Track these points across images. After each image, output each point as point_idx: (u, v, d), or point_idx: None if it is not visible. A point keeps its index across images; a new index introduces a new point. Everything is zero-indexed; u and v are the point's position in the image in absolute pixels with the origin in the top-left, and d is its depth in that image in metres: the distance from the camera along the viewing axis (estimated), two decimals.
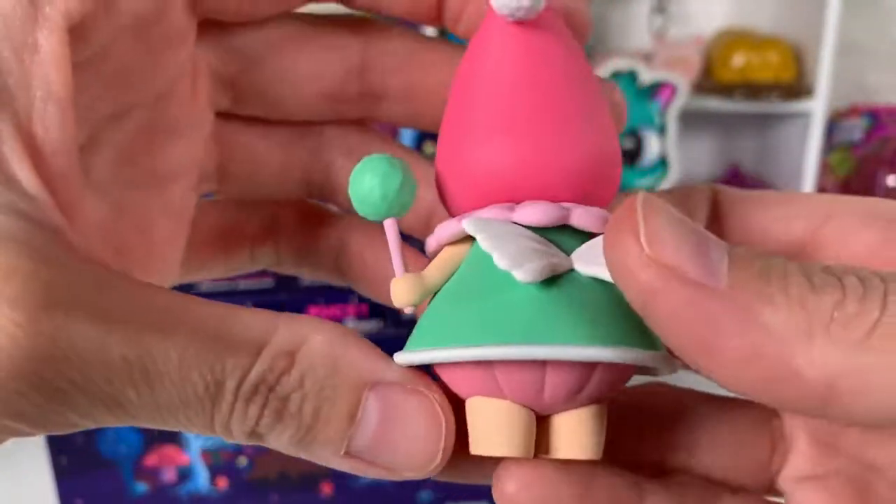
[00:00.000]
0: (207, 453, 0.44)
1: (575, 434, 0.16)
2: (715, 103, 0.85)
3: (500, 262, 0.14)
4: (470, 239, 0.16)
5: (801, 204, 0.17)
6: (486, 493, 0.17)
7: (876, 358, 0.12)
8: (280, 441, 0.14)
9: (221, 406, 0.13)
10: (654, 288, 0.12)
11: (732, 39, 0.88)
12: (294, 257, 0.22)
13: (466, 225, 0.15)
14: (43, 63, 0.14)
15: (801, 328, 0.12)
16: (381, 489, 0.46)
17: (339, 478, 0.46)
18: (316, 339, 0.14)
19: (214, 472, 0.45)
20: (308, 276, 0.23)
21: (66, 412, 0.13)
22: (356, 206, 0.15)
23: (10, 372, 0.12)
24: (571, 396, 0.15)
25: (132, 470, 0.44)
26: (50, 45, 0.14)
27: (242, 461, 0.44)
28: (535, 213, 0.15)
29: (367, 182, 0.15)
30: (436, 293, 0.16)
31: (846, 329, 0.12)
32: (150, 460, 0.44)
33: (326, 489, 0.46)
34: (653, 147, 0.85)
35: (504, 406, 0.16)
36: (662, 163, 0.86)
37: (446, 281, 0.16)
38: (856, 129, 0.91)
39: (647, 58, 0.88)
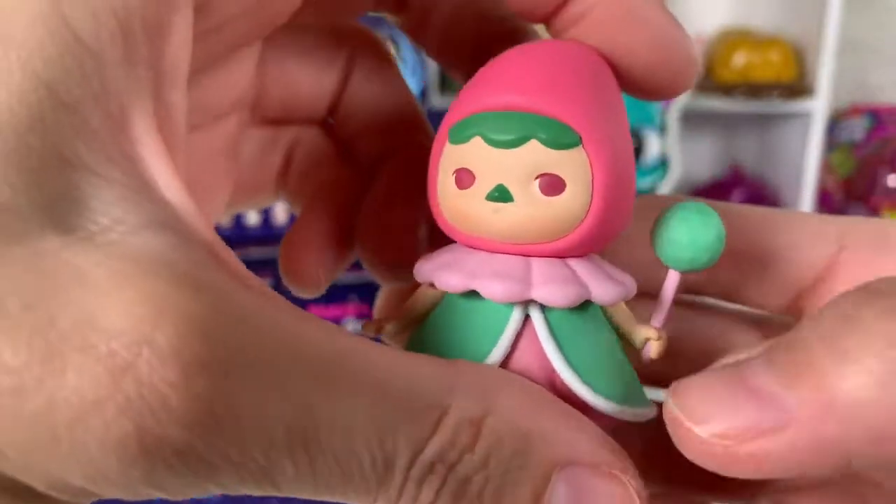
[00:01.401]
0: None
1: None
2: (716, 103, 0.85)
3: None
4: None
5: (810, 228, 0.16)
6: None
7: None
8: None
9: (389, 488, 0.11)
10: (755, 462, 0.11)
11: (733, 39, 0.88)
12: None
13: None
14: (173, 47, 0.12)
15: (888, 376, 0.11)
16: None
17: None
18: (504, 405, 0.12)
19: None
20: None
21: (209, 485, 0.11)
22: (682, 248, 0.15)
23: (158, 441, 0.10)
24: None
25: None
26: (181, 28, 0.12)
27: None
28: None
29: (715, 235, 0.14)
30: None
31: None
32: None
33: None
34: (653, 147, 0.85)
35: None
36: (663, 163, 0.86)
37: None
38: (857, 128, 0.91)
39: None
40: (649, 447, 0.18)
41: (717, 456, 0.12)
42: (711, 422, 0.12)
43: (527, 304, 0.14)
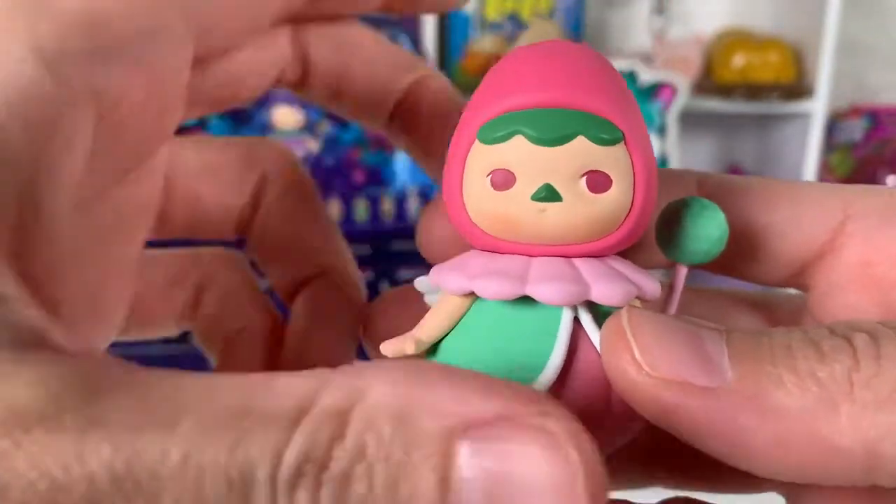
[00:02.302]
0: None
1: None
2: (715, 104, 0.85)
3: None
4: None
5: (813, 200, 0.16)
6: None
7: None
8: None
9: None
10: (665, 405, 0.12)
11: (732, 40, 0.88)
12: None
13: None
14: (59, 147, 0.12)
15: (821, 401, 0.11)
16: None
17: None
18: (376, 390, 0.10)
19: None
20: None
21: None
22: (702, 242, 0.15)
23: None
24: None
25: None
26: (72, 126, 0.12)
27: None
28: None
29: (719, 230, 0.15)
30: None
31: (870, 390, 0.11)
32: None
33: None
34: (653, 147, 0.85)
35: None
36: (662, 163, 0.86)
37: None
38: (856, 129, 0.91)
39: (647, 58, 0.88)
40: (653, 440, 0.18)
41: (639, 389, 0.12)
42: (654, 357, 0.12)
43: (575, 305, 0.14)
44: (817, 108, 0.82)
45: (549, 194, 0.14)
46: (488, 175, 0.14)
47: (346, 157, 0.61)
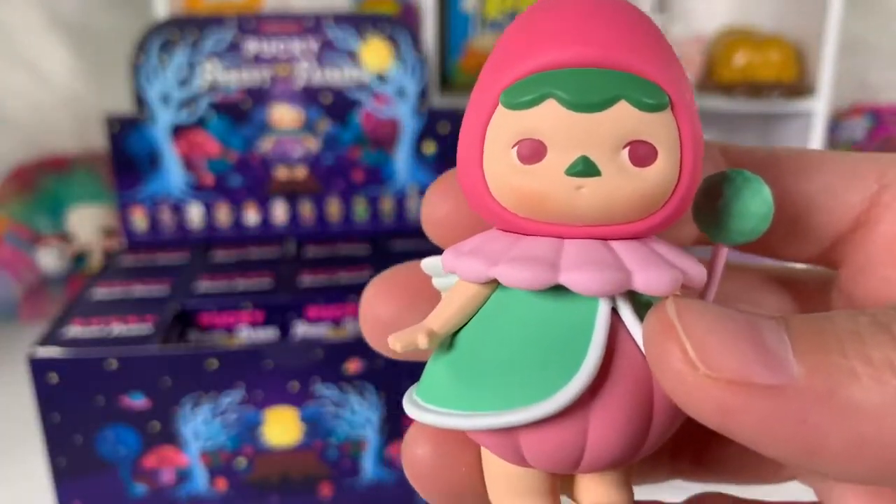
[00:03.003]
0: (206, 454, 0.44)
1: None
2: (716, 102, 0.85)
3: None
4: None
5: (847, 169, 0.14)
6: None
7: None
8: None
9: None
10: (727, 409, 0.11)
11: (734, 39, 0.88)
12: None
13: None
14: None
15: None
16: (381, 491, 0.46)
17: (338, 479, 0.46)
18: None
19: (213, 473, 0.45)
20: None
21: None
22: (741, 220, 0.13)
23: None
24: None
25: (131, 471, 0.44)
26: None
27: (242, 462, 0.44)
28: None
29: (764, 206, 0.13)
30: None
31: None
32: (149, 461, 0.44)
33: (326, 491, 0.46)
34: None
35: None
36: None
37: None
38: (858, 128, 0.90)
39: None
40: (678, 433, 0.17)
41: (694, 390, 0.11)
42: (710, 354, 0.11)
43: (613, 296, 0.12)
44: (819, 107, 0.82)
45: (586, 168, 0.12)
46: (514, 146, 0.12)
47: (345, 156, 0.61)
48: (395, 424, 0.45)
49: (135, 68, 0.58)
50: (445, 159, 0.61)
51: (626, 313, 0.12)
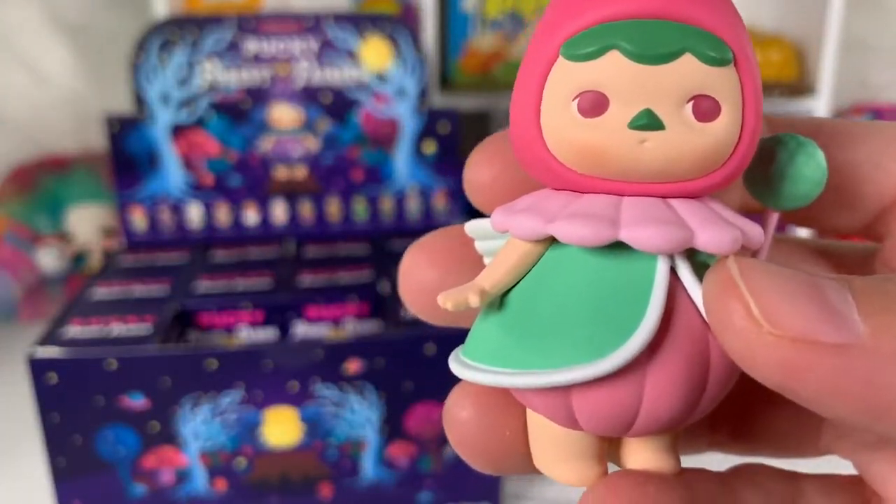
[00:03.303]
0: (206, 455, 0.44)
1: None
2: None
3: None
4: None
5: (890, 139, 0.14)
6: (486, 494, 0.16)
7: None
8: None
9: None
10: (792, 366, 0.11)
11: None
12: None
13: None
14: None
15: None
16: (381, 490, 0.46)
17: (338, 480, 0.46)
18: None
19: (213, 473, 0.45)
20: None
21: None
22: (795, 185, 0.13)
23: None
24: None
25: (130, 471, 0.44)
26: None
27: (241, 463, 0.44)
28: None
29: (819, 171, 0.13)
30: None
31: None
32: (149, 462, 0.44)
33: (326, 491, 0.46)
34: None
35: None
36: None
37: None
38: None
39: None
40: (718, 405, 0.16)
41: (759, 349, 0.11)
42: (775, 312, 0.11)
43: (671, 255, 0.12)
44: (820, 107, 0.82)
45: (650, 122, 0.12)
46: (575, 98, 0.12)
47: (345, 155, 0.61)
48: (395, 425, 0.45)
49: (134, 68, 0.58)
50: (445, 159, 0.61)
51: (685, 273, 0.12)
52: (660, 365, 0.12)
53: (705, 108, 0.12)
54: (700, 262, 0.12)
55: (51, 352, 0.43)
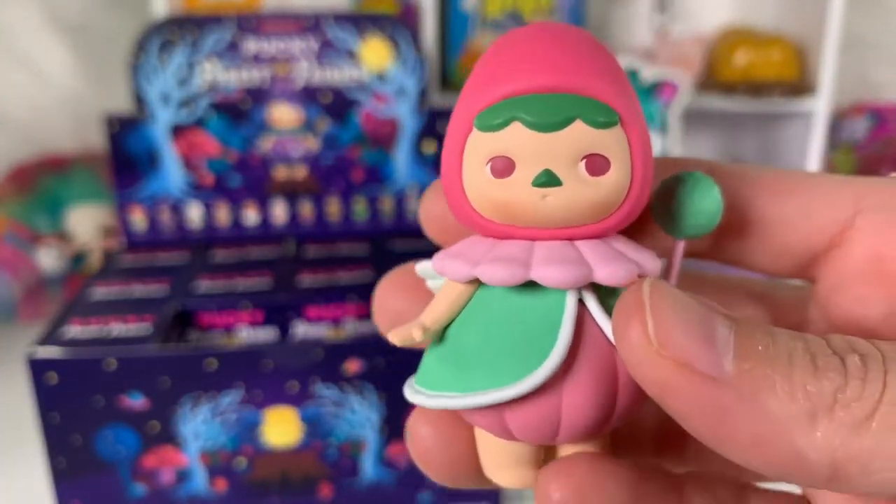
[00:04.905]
0: (206, 455, 0.44)
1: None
2: (717, 102, 0.85)
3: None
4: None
5: (823, 192, 0.16)
6: (486, 496, 0.18)
7: (876, 441, 0.12)
8: None
9: None
10: (666, 385, 0.12)
11: (735, 37, 0.88)
12: None
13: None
14: None
15: (804, 413, 0.12)
16: (381, 491, 0.46)
17: (338, 480, 0.46)
18: None
19: (213, 473, 0.45)
20: None
21: None
22: (698, 216, 0.15)
23: None
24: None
25: (130, 471, 0.44)
26: None
27: (241, 462, 0.44)
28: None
29: (714, 204, 0.15)
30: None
31: (847, 412, 0.12)
32: (149, 461, 0.44)
33: (325, 491, 0.46)
34: (655, 146, 0.85)
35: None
36: None
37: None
38: (859, 127, 0.90)
39: (649, 56, 0.88)
40: (662, 427, 0.18)
41: (645, 363, 0.12)
42: (666, 334, 0.12)
43: (579, 289, 0.14)
44: (820, 107, 0.82)
45: (549, 179, 0.14)
46: (488, 163, 0.14)
47: (345, 155, 0.61)
48: (395, 425, 0.45)
49: (134, 68, 0.58)
50: None
51: (591, 303, 0.14)
52: (573, 382, 0.14)
53: (596, 165, 0.14)
54: (606, 293, 0.14)
55: (50, 352, 0.43)
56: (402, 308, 0.17)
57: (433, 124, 0.60)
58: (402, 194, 0.62)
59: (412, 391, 0.16)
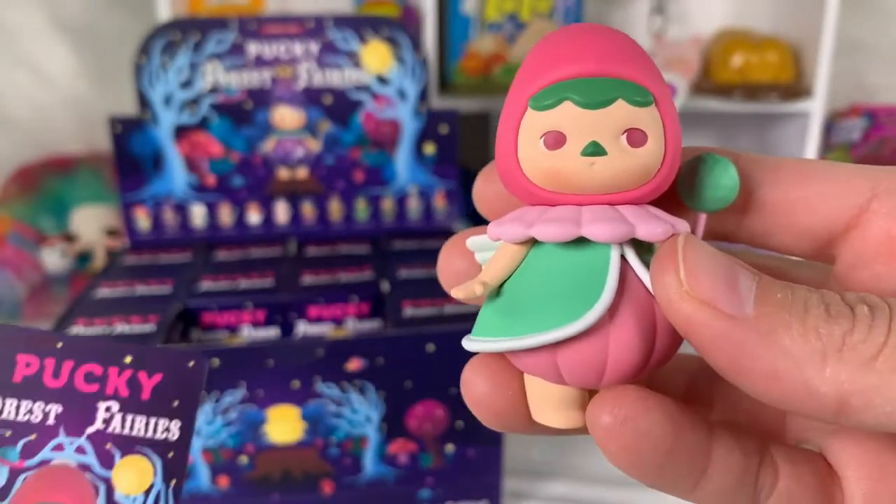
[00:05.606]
0: (208, 452, 0.45)
1: None
2: (714, 104, 0.86)
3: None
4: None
5: (841, 178, 0.17)
6: (486, 492, 0.18)
7: (879, 379, 0.13)
8: None
9: None
10: (693, 320, 0.14)
11: (731, 40, 0.88)
12: None
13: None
14: None
15: (816, 352, 0.14)
16: (382, 488, 0.47)
17: (339, 477, 0.46)
18: None
19: (216, 470, 0.45)
20: None
21: None
22: (717, 190, 0.17)
23: None
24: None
25: None
26: None
27: (243, 460, 0.45)
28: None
29: (731, 180, 0.17)
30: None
31: (854, 353, 0.13)
32: None
33: (327, 488, 0.46)
34: None
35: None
36: None
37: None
38: (854, 129, 0.91)
39: None
40: (692, 386, 0.19)
41: (676, 303, 0.14)
42: (695, 279, 0.14)
43: (620, 245, 0.16)
44: (816, 108, 0.82)
45: (596, 149, 0.16)
46: (541, 137, 0.16)
47: (346, 156, 0.61)
48: (396, 423, 0.46)
49: (138, 70, 0.59)
50: (445, 159, 0.61)
51: (632, 257, 0.16)
52: (618, 325, 0.16)
53: (636, 138, 0.16)
54: (645, 249, 0.16)
55: None
56: (463, 268, 0.19)
57: (433, 126, 0.60)
58: (403, 195, 0.62)
59: (469, 341, 0.17)
